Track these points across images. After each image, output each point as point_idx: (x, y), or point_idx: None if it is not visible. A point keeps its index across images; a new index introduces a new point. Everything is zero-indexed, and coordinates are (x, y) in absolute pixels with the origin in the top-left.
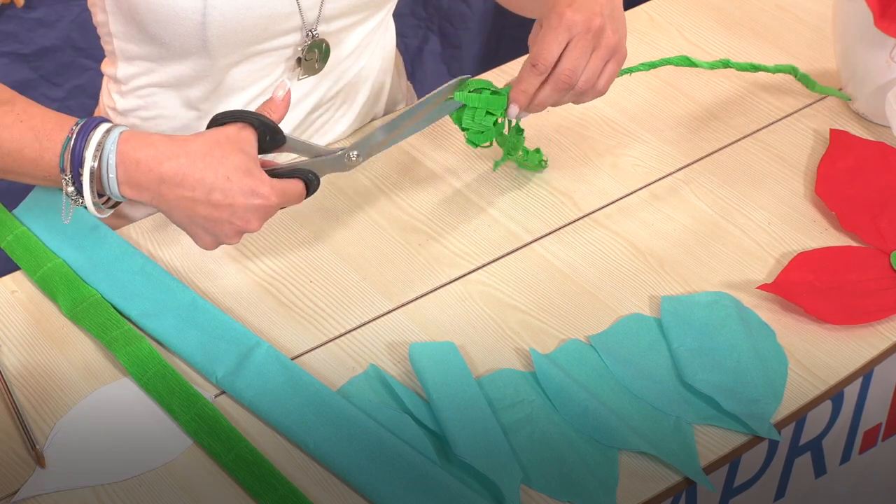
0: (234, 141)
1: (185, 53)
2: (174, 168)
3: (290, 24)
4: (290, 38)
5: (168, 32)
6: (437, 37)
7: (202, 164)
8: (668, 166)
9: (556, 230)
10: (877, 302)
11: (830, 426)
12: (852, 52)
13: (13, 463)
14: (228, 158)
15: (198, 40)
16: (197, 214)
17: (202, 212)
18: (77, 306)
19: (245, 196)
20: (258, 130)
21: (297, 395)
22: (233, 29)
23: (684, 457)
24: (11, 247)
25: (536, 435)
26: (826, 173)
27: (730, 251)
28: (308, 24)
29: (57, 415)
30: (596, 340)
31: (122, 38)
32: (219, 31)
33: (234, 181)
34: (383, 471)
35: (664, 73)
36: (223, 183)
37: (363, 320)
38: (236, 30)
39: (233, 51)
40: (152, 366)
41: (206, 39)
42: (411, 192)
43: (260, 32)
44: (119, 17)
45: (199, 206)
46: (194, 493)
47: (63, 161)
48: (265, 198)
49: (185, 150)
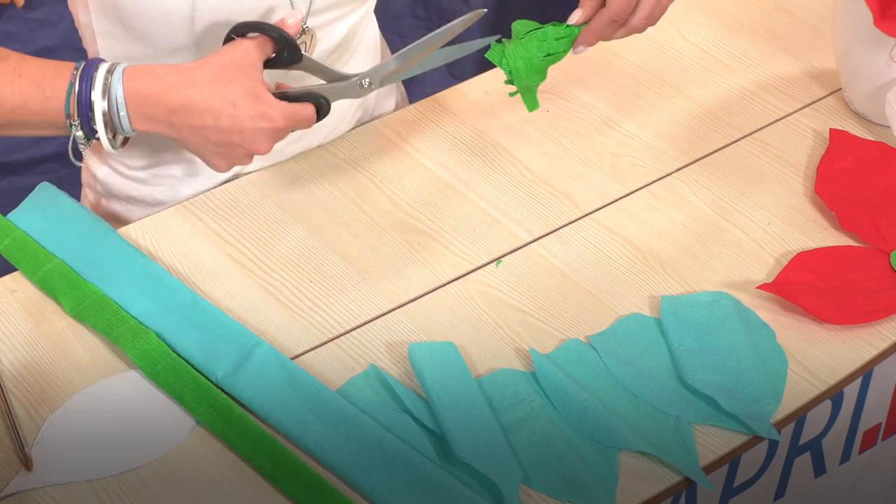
0: (239, 66)
1: (172, 50)
2: (182, 98)
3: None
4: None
5: (155, 30)
6: None
7: (208, 92)
8: (668, 166)
9: (556, 230)
10: (877, 302)
11: (830, 426)
12: (852, 52)
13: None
14: (234, 84)
15: (186, 36)
16: (208, 140)
17: (213, 137)
18: (80, 304)
19: (253, 120)
20: (278, 45)
21: (297, 394)
22: (222, 23)
23: (684, 457)
24: (9, 250)
25: (536, 435)
26: (826, 173)
27: (730, 251)
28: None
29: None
30: (596, 340)
31: (106, 37)
32: (207, 26)
33: (242, 107)
34: (383, 471)
35: (664, 73)
36: (230, 109)
37: (363, 320)
38: (225, 24)
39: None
40: (162, 359)
41: (194, 35)
42: (411, 192)
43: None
44: (103, 16)
45: (209, 133)
46: (193, 491)
47: (69, 107)
48: (273, 121)
49: (191, 80)
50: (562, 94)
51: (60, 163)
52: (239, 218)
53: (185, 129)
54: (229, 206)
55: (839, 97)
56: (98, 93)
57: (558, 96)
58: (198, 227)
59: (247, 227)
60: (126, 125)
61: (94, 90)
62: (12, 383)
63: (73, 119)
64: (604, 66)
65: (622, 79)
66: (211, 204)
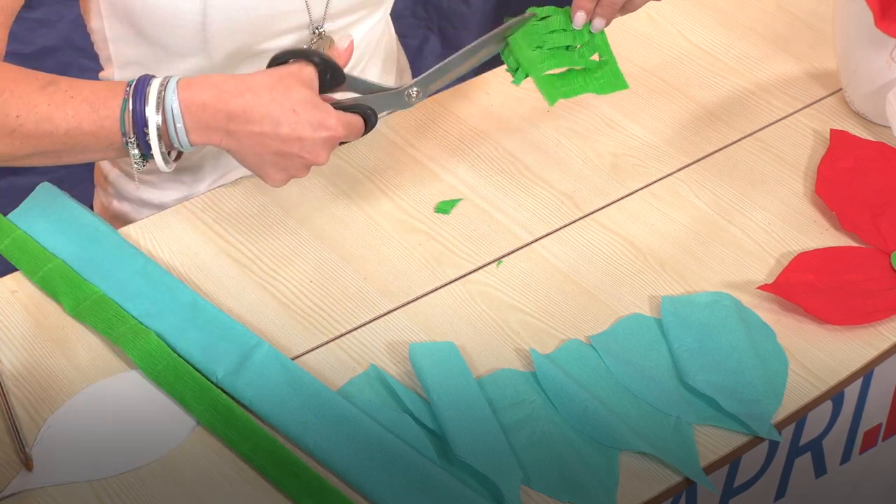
0: (297, 76)
1: (184, 54)
2: (241, 104)
3: (294, 22)
4: (294, 36)
5: (167, 33)
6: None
7: (268, 98)
8: (668, 166)
9: (557, 230)
10: (877, 302)
11: (831, 426)
12: (852, 52)
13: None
14: (293, 91)
15: (197, 40)
16: (267, 150)
17: (272, 146)
18: (80, 304)
19: (313, 129)
20: (319, 68)
21: (297, 395)
22: (233, 28)
23: (684, 457)
24: (9, 250)
25: (536, 435)
26: (826, 173)
27: (730, 251)
28: (315, 22)
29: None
30: (596, 340)
31: (118, 42)
32: (219, 30)
33: (301, 114)
34: (383, 471)
35: (664, 73)
36: (290, 116)
37: (363, 320)
38: (237, 29)
39: (233, 51)
40: (162, 359)
41: (205, 39)
42: (411, 192)
43: (261, 31)
44: (115, 21)
45: (268, 141)
46: (194, 491)
47: (124, 125)
48: (332, 129)
49: (249, 86)
50: None
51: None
52: (239, 218)
53: (244, 136)
54: (229, 206)
55: (840, 97)
56: (152, 108)
57: None
58: (198, 227)
59: (247, 227)
60: (183, 138)
61: (148, 105)
62: (12, 383)
63: (129, 137)
64: None
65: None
66: (211, 204)
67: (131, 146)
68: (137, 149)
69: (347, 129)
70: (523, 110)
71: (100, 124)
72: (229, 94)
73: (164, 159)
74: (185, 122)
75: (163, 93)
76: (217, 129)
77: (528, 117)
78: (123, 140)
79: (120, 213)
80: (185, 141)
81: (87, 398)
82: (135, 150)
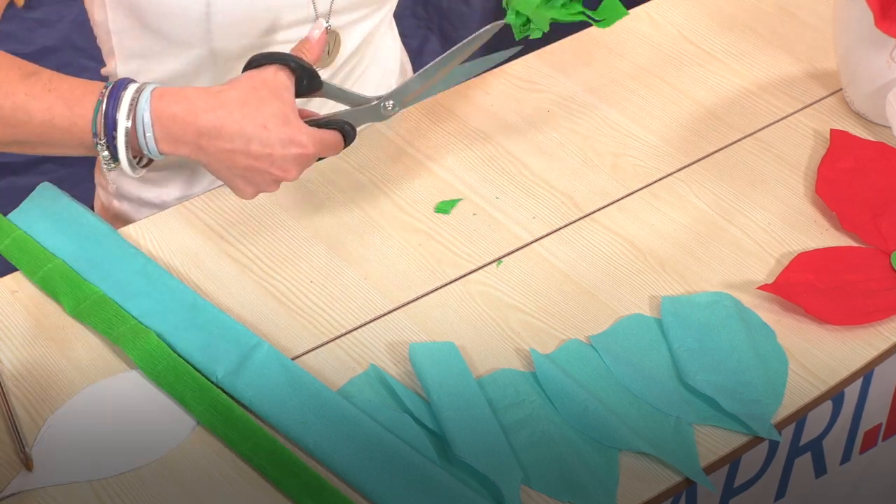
0: (270, 86)
1: (186, 47)
2: (212, 120)
3: (298, 16)
4: (301, 29)
5: (170, 24)
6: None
7: (239, 115)
8: (668, 166)
9: (557, 230)
10: (877, 302)
11: (831, 426)
12: (852, 52)
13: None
14: (266, 106)
15: (201, 32)
16: (236, 165)
17: (241, 162)
18: (80, 304)
19: (283, 146)
20: (295, 73)
21: (297, 395)
22: (237, 20)
23: (684, 457)
24: (9, 250)
25: (537, 435)
26: (826, 173)
27: (730, 251)
28: (320, 16)
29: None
30: (596, 340)
31: (121, 34)
32: (222, 22)
33: (272, 130)
34: (383, 471)
35: (664, 73)
36: (261, 132)
37: (363, 320)
38: (241, 21)
39: (236, 43)
40: (162, 359)
41: (209, 31)
42: (411, 192)
43: (265, 24)
44: (119, 13)
45: (238, 157)
46: (194, 491)
47: (95, 126)
48: (303, 146)
49: (222, 101)
50: (563, 95)
51: (60, 163)
52: (239, 218)
53: (214, 152)
54: (229, 206)
55: (840, 97)
56: (123, 112)
57: (559, 96)
58: (198, 227)
59: (247, 227)
60: (152, 146)
61: (120, 109)
62: (12, 383)
63: (100, 138)
64: (605, 66)
65: (622, 79)
66: (211, 204)
67: (101, 147)
68: (106, 150)
69: (319, 146)
70: (523, 110)
71: (73, 121)
72: (201, 108)
73: (131, 165)
74: (154, 132)
75: (136, 99)
76: (187, 142)
77: (528, 117)
78: (94, 140)
79: (120, 212)
80: (154, 150)
81: (87, 398)
82: (105, 152)
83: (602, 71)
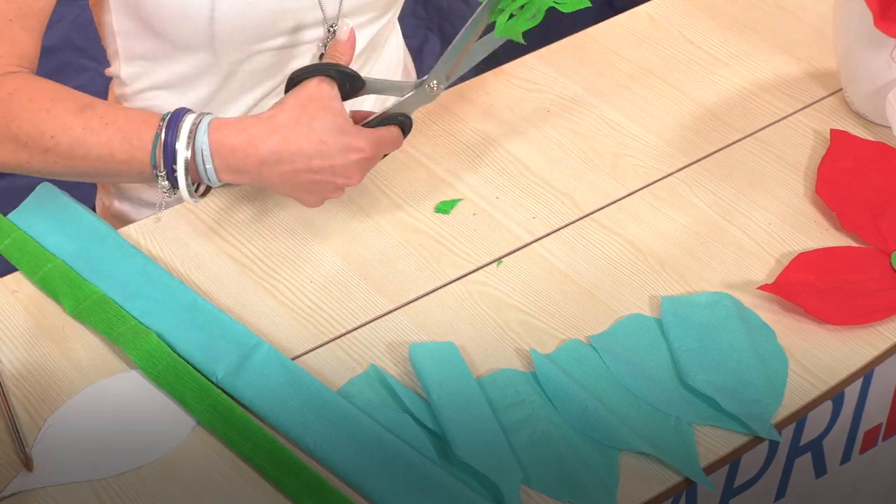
0: (317, 100)
1: (190, 50)
2: (270, 147)
3: (307, 19)
4: (306, 34)
5: (174, 27)
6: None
7: (294, 136)
8: (668, 166)
9: (557, 230)
10: (877, 302)
11: (831, 426)
12: (852, 52)
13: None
14: (317, 121)
15: (205, 35)
16: (299, 182)
17: (304, 178)
18: (80, 304)
19: (343, 155)
20: (336, 80)
21: (297, 395)
22: (242, 24)
23: (684, 457)
24: (9, 250)
25: (537, 435)
26: (826, 173)
27: (730, 251)
28: (329, 20)
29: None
30: (596, 340)
31: (126, 36)
32: (227, 25)
33: (330, 143)
34: (383, 471)
35: (664, 73)
36: (319, 147)
37: (363, 320)
38: (245, 24)
39: (239, 47)
40: (162, 359)
41: (213, 34)
42: (412, 192)
43: (270, 27)
44: (123, 15)
45: (300, 175)
46: (194, 491)
47: (155, 158)
48: (362, 151)
49: (276, 127)
50: (563, 95)
51: None
52: (239, 218)
53: (277, 176)
54: (229, 206)
55: (840, 97)
56: (182, 143)
57: (559, 96)
58: (198, 227)
59: (247, 227)
60: (213, 176)
61: (179, 140)
62: (12, 383)
63: (160, 170)
64: (604, 66)
65: (623, 79)
66: (211, 204)
67: (161, 178)
68: (166, 181)
69: (377, 145)
70: (523, 110)
71: (132, 154)
72: (259, 138)
73: (190, 193)
74: (214, 163)
75: (195, 131)
76: (248, 171)
77: (528, 117)
78: (153, 172)
79: (120, 212)
80: (215, 179)
81: (87, 398)
82: (164, 182)
83: (602, 71)
